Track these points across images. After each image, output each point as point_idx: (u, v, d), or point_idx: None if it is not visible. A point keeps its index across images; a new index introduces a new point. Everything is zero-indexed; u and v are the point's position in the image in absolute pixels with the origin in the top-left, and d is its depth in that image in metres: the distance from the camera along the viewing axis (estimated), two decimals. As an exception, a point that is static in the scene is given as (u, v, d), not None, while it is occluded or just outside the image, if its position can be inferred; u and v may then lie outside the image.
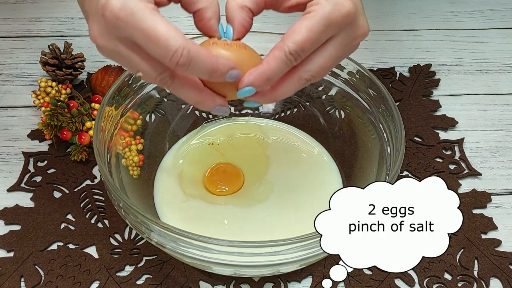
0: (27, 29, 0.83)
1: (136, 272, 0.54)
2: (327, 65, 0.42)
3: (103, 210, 0.58)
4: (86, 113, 0.64)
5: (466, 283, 0.54)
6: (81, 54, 0.71)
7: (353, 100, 0.60)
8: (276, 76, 0.40)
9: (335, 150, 0.62)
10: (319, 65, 0.41)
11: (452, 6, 0.91)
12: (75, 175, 0.62)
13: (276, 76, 0.40)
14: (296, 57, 0.39)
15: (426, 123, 0.70)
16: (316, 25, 0.39)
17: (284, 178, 0.59)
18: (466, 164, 0.65)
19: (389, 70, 0.78)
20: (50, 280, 0.52)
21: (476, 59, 0.81)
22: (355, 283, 0.53)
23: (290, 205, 0.57)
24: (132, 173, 0.57)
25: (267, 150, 0.63)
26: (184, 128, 0.64)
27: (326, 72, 0.42)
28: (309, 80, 0.42)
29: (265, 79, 0.40)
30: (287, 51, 0.39)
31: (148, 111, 0.61)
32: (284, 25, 0.87)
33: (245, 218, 0.55)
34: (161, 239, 0.45)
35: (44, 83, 0.65)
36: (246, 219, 0.55)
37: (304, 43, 0.39)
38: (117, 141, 0.56)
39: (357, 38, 0.42)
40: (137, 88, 0.58)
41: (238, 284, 0.53)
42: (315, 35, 0.39)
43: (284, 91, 0.42)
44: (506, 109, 0.73)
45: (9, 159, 0.64)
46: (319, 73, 0.42)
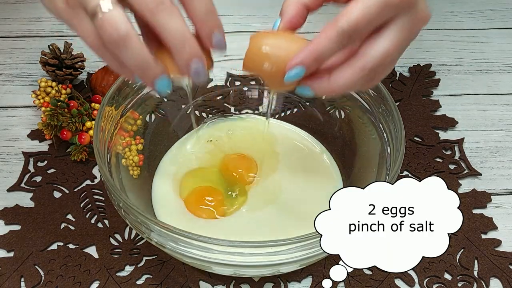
0: (27, 29, 0.83)
1: (136, 272, 0.54)
2: (390, 51, 0.38)
3: (103, 210, 0.58)
4: (86, 113, 0.64)
5: (466, 283, 0.54)
6: (81, 54, 0.71)
7: (353, 100, 0.60)
8: (327, 56, 0.37)
9: (335, 150, 0.62)
10: (382, 51, 0.38)
11: (452, 6, 0.91)
12: (75, 175, 0.62)
13: (327, 55, 0.37)
14: (349, 36, 0.37)
15: (426, 123, 0.70)
16: (371, 4, 0.36)
17: (287, 177, 0.59)
18: (466, 164, 0.65)
19: (389, 70, 0.78)
20: (50, 280, 0.52)
21: (476, 59, 0.81)
22: (355, 283, 0.53)
23: (294, 204, 0.57)
24: (132, 173, 0.57)
25: (272, 147, 0.63)
26: (184, 128, 0.64)
27: (391, 61, 0.39)
28: (373, 71, 0.38)
29: (314, 57, 0.37)
30: (340, 29, 0.36)
31: (148, 111, 0.61)
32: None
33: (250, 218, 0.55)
34: (161, 239, 0.45)
35: (44, 83, 0.65)
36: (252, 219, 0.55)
37: (358, 22, 0.36)
38: (117, 141, 0.56)
39: (419, 23, 0.40)
40: (137, 88, 0.58)
41: (238, 284, 0.53)
42: (370, 15, 0.36)
43: (345, 81, 0.39)
44: (506, 109, 0.73)
45: (9, 159, 0.64)
46: (383, 62, 0.38)
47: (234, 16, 0.88)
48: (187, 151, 0.62)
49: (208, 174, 0.59)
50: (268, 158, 0.62)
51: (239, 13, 0.89)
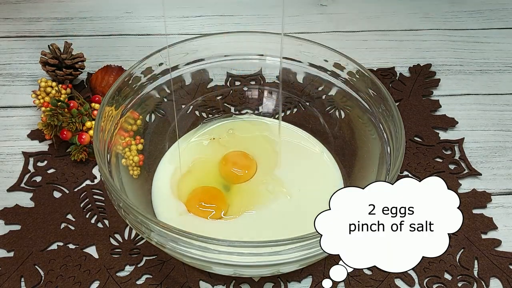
0: (27, 29, 0.83)
1: (136, 272, 0.54)
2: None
3: (103, 210, 0.58)
4: (86, 113, 0.64)
5: (466, 283, 0.54)
6: (81, 54, 0.71)
7: (353, 100, 0.60)
8: None
9: (335, 150, 0.62)
10: None
11: (452, 6, 0.92)
12: (75, 175, 0.62)
13: None
14: None
15: (426, 123, 0.70)
16: None
17: (289, 176, 0.59)
18: (466, 164, 0.65)
19: (389, 70, 0.78)
20: (50, 280, 0.52)
21: (476, 59, 0.81)
22: (355, 283, 0.53)
23: (295, 204, 0.57)
24: (132, 173, 0.57)
25: (272, 146, 0.63)
26: (184, 128, 0.64)
27: None
28: None
29: None
30: None
31: (148, 111, 0.61)
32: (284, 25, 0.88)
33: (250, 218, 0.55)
34: (161, 239, 0.45)
35: (44, 83, 0.65)
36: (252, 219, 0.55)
37: None
38: (117, 141, 0.56)
39: None
40: (137, 88, 0.58)
41: (238, 284, 0.53)
42: None
43: None
44: (506, 109, 0.73)
45: (9, 159, 0.64)
46: None
47: (234, 16, 0.88)
48: (187, 151, 0.62)
49: (207, 173, 0.59)
50: (268, 158, 0.62)
51: (239, 13, 0.89)
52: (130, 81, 0.57)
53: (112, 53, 0.79)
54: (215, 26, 0.86)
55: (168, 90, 0.62)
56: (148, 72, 0.59)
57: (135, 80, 0.57)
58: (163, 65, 0.59)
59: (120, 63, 0.72)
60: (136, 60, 0.57)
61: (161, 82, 0.61)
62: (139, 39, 0.78)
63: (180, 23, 0.87)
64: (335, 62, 0.60)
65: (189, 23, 0.87)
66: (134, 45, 0.80)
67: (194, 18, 0.88)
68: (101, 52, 0.78)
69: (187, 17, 0.88)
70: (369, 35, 0.85)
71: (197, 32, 0.85)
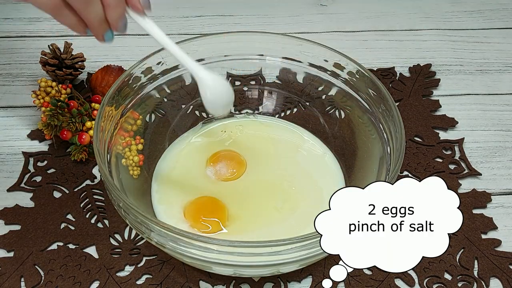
0: (27, 29, 0.83)
1: (136, 272, 0.54)
2: None
3: (103, 210, 0.58)
4: (86, 113, 0.64)
5: (466, 283, 0.54)
6: (81, 54, 0.71)
7: (353, 100, 0.60)
8: None
9: (335, 150, 0.62)
10: None
11: (452, 6, 0.91)
12: (75, 175, 0.62)
13: None
14: None
15: (426, 123, 0.70)
16: None
17: (288, 176, 0.59)
18: (466, 164, 0.65)
19: (389, 70, 0.78)
20: (50, 280, 0.52)
21: (476, 59, 0.81)
22: (355, 283, 0.53)
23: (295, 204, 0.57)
24: (132, 173, 0.57)
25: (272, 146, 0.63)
26: (184, 128, 0.64)
27: None
28: None
29: None
30: None
31: (148, 111, 0.61)
32: (284, 25, 0.88)
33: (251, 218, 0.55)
34: (161, 239, 0.45)
35: (44, 83, 0.65)
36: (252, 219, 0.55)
37: None
38: (117, 141, 0.56)
39: None
40: (137, 88, 0.58)
41: (238, 284, 0.53)
42: None
43: None
44: (506, 109, 0.73)
45: (9, 159, 0.64)
46: None
47: (234, 16, 0.88)
48: (187, 151, 0.62)
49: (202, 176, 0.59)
50: (268, 158, 0.62)
51: (239, 13, 0.89)
52: (130, 81, 0.57)
53: (112, 53, 0.79)
54: (215, 26, 0.86)
55: (168, 90, 0.62)
56: (148, 72, 0.59)
57: (135, 80, 0.57)
58: (163, 65, 0.59)
59: (120, 63, 0.72)
60: (136, 60, 0.57)
61: (161, 82, 0.61)
62: (139, 39, 0.78)
63: (180, 23, 0.87)
64: (335, 62, 0.60)
65: (190, 23, 0.87)
66: (134, 45, 0.80)
67: (194, 18, 0.87)
68: (101, 52, 0.78)
69: (187, 17, 0.88)
70: (369, 35, 0.85)
71: (197, 32, 0.85)
